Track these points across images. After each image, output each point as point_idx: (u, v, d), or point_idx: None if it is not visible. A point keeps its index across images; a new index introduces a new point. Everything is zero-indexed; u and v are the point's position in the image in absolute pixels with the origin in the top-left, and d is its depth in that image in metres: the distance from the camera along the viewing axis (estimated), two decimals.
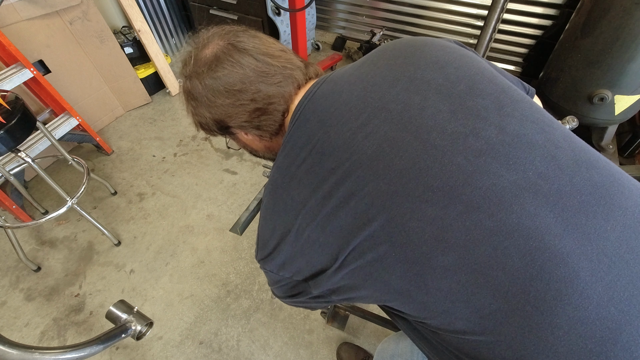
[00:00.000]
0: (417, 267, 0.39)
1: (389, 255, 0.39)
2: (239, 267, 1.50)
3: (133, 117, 2.30)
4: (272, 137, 0.59)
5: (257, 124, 0.56)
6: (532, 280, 0.36)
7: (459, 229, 0.38)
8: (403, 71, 0.48)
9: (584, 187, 0.39)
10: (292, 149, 0.48)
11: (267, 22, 2.32)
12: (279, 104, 0.54)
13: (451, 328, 0.40)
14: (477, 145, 0.41)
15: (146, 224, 1.69)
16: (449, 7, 2.15)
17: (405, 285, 0.40)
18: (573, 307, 0.35)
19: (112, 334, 0.52)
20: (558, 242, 0.36)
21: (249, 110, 0.54)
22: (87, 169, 1.55)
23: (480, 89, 0.45)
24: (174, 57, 2.83)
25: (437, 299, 0.39)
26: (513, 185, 0.39)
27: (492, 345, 0.38)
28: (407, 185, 0.39)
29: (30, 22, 1.69)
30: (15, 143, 1.13)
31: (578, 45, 1.46)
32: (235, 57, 0.52)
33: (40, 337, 1.33)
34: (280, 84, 0.53)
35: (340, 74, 0.53)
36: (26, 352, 0.42)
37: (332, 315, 1.28)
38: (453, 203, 0.38)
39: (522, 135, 0.42)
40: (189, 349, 1.27)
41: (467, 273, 0.37)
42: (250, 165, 1.96)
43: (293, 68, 0.55)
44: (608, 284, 0.36)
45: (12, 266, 1.54)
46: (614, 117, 1.52)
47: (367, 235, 0.40)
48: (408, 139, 0.42)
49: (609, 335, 0.34)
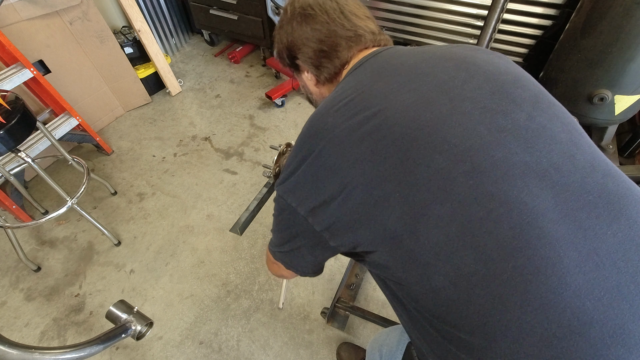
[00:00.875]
0: (415, 211, 0.40)
1: (394, 194, 0.41)
2: (239, 267, 1.50)
3: (133, 117, 2.30)
4: (325, 83, 0.67)
5: (317, 64, 0.64)
6: (514, 251, 0.37)
7: (461, 185, 0.39)
8: (458, 54, 0.54)
9: (594, 189, 0.40)
10: (342, 89, 0.53)
11: (267, 22, 2.32)
12: (341, 54, 0.62)
13: (429, 285, 0.41)
14: (503, 123, 0.43)
15: (146, 224, 1.69)
16: (449, 7, 2.14)
17: (399, 229, 0.41)
18: (548, 289, 0.35)
19: (112, 334, 0.52)
20: (551, 226, 0.37)
21: (315, 48, 0.62)
22: (87, 169, 1.55)
23: (523, 84, 0.49)
24: (174, 57, 2.83)
25: (424, 248, 0.40)
26: (523, 165, 0.40)
27: (463, 307, 0.39)
28: (427, 135, 0.42)
29: (30, 22, 1.69)
30: (15, 143, 1.13)
31: (578, 45, 1.46)
32: (327, 5, 0.61)
33: (40, 337, 1.33)
34: (351, 38, 0.61)
35: (403, 48, 0.60)
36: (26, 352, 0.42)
37: (332, 315, 1.28)
38: (463, 161, 0.40)
39: (548, 129, 0.44)
40: (189, 349, 1.27)
41: (456, 228, 0.38)
42: (250, 165, 1.96)
43: (367, 31, 0.62)
44: (590, 280, 0.36)
45: (12, 266, 1.54)
46: (614, 117, 1.52)
47: (378, 171, 0.42)
48: (443, 100, 0.45)
49: (576, 326, 0.35)
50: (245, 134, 2.15)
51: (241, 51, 2.72)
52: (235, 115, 2.29)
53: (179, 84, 2.49)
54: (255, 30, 2.42)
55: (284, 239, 0.56)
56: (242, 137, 2.14)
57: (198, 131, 2.19)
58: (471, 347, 0.39)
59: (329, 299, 1.39)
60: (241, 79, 2.60)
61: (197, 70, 2.69)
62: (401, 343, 0.63)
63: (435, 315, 0.42)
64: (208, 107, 2.37)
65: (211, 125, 2.23)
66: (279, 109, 2.33)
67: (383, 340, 0.73)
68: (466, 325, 0.39)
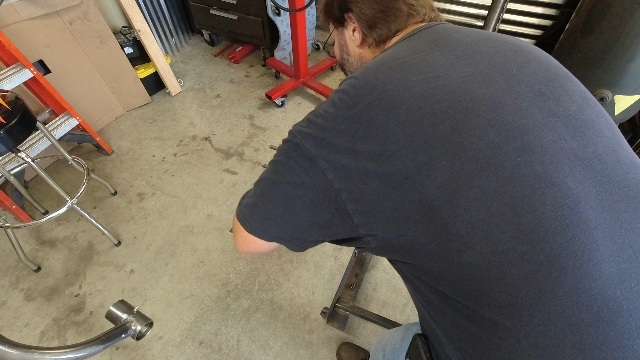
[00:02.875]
0: (459, 182, 0.39)
1: (440, 161, 0.39)
2: (239, 267, 1.51)
3: (133, 117, 2.30)
4: (371, 46, 0.65)
5: (371, 24, 0.62)
6: (554, 234, 0.36)
7: (509, 160, 0.39)
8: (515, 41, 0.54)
9: (635, 185, 0.41)
10: (394, 52, 0.51)
11: (267, 22, 2.32)
12: (400, 19, 0.61)
13: (458, 260, 0.39)
14: (555, 109, 0.43)
15: (146, 224, 1.69)
16: (449, 7, 2.15)
17: (439, 198, 0.39)
18: (581, 274, 0.35)
19: (112, 334, 0.52)
20: (591, 213, 0.37)
21: (375, 7, 0.61)
22: (87, 169, 1.55)
23: (573, 80, 0.50)
24: (174, 57, 2.83)
25: (461, 220, 0.38)
26: (570, 151, 0.40)
27: (492, 285, 0.38)
28: (482, 108, 0.42)
29: (30, 22, 1.69)
30: (15, 143, 1.13)
31: (578, 45, 1.46)
32: None
33: (40, 337, 1.33)
34: (413, 7, 0.61)
35: (458, 26, 0.59)
36: (26, 352, 0.42)
37: (332, 315, 1.28)
38: (514, 137, 0.40)
39: (595, 122, 0.44)
40: (189, 349, 1.27)
41: (499, 203, 0.38)
42: (250, 165, 1.96)
43: (429, 8, 0.62)
44: (623, 270, 0.36)
45: (12, 266, 1.54)
46: (614, 117, 1.52)
47: (427, 136, 0.40)
48: (499, 79, 0.45)
49: (606, 314, 0.35)
50: (245, 134, 2.16)
51: (241, 51, 2.73)
52: (235, 115, 2.29)
53: (179, 84, 2.49)
54: (255, 30, 2.42)
55: (275, 184, 0.47)
56: (242, 137, 2.14)
57: (198, 131, 2.19)
58: (495, 326, 0.38)
59: (329, 299, 1.39)
60: (241, 79, 2.60)
61: (197, 70, 2.69)
62: (405, 340, 0.62)
63: (459, 293, 0.41)
64: (208, 107, 2.37)
65: (211, 125, 2.23)
66: (279, 109, 2.33)
67: (387, 340, 0.73)
68: (492, 304, 0.38)
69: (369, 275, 1.45)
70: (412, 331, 0.61)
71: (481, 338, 0.40)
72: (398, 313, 1.34)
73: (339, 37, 0.72)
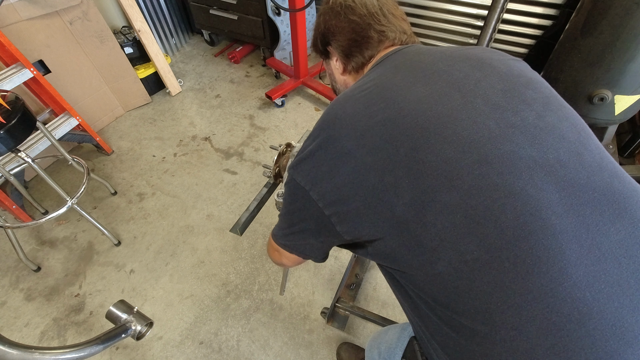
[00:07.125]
0: (423, 198, 0.41)
1: (404, 180, 0.42)
2: (239, 267, 1.51)
3: (133, 117, 2.30)
4: (351, 73, 0.71)
5: (347, 52, 0.67)
6: (517, 240, 0.38)
7: (468, 174, 0.40)
8: (475, 55, 0.56)
9: (600, 187, 0.41)
10: (363, 82, 0.55)
11: (267, 22, 2.32)
12: (371, 46, 0.65)
13: (432, 271, 0.42)
14: (512, 119, 0.44)
15: (146, 224, 1.69)
16: (449, 7, 2.14)
17: (407, 214, 0.42)
18: (549, 278, 0.36)
19: (112, 334, 0.52)
20: (554, 218, 0.38)
21: (348, 38, 0.66)
22: (87, 169, 1.55)
23: (535, 87, 0.50)
24: (174, 57, 2.83)
25: (430, 234, 0.41)
26: (530, 159, 0.41)
27: (465, 293, 0.40)
28: (438, 126, 0.43)
29: (30, 22, 1.69)
30: (15, 143, 1.13)
31: (578, 45, 1.46)
32: (367, 0, 0.65)
33: (40, 337, 1.33)
34: (382, 33, 0.64)
35: (424, 47, 0.63)
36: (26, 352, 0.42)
37: (332, 315, 1.28)
38: (470, 151, 0.41)
39: (557, 128, 0.45)
40: (189, 349, 1.27)
41: (462, 216, 0.39)
42: (250, 165, 1.96)
43: (399, 31, 0.66)
44: (591, 272, 0.37)
45: (12, 266, 1.54)
46: (614, 117, 1.52)
47: (390, 159, 0.43)
48: (456, 96, 0.47)
49: (576, 316, 0.35)
50: (245, 134, 2.16)
51: (241, 51, 2.73)
52: (235, 115, 2.29)
53: (179, 84, 2.49)
54: (255, 30, 2.42)
55: (292, 221, 0.57)
56: (242, 137, 2.14)
57: (198, 131, 2.19)
58: (472, 333, 0.40)
59: (329, 299, 1.39)
60: (241, 79, 2.60)
61: (197, 70, 2.69)
62: (401, 340, 0.64)
63: (438, 301, 0.43)
64: (208, 107, 2.37)
65: (211, 125, 2.23)
66: (279, 109, 2.33)
67: (382, 338, 0.74)
68: (468, 312, 0.40)
69: (369, 275, 1.45)
70: (407, 331, 0.63)
71: (461, 344, 0.42)
72: (398, 313, 1.34)
73: (327, 67, 0.78)
